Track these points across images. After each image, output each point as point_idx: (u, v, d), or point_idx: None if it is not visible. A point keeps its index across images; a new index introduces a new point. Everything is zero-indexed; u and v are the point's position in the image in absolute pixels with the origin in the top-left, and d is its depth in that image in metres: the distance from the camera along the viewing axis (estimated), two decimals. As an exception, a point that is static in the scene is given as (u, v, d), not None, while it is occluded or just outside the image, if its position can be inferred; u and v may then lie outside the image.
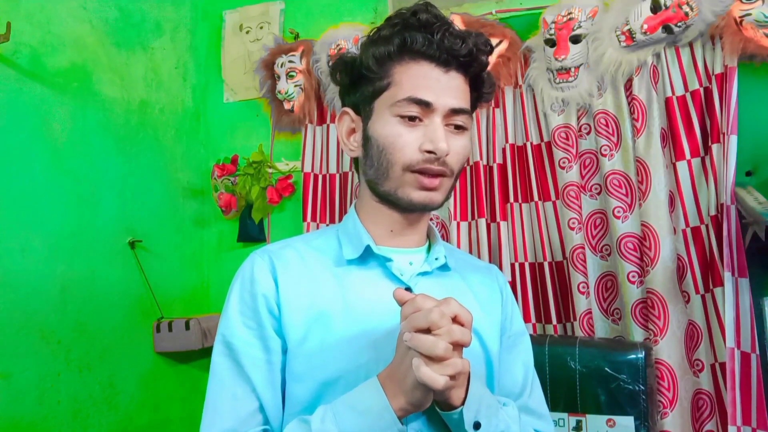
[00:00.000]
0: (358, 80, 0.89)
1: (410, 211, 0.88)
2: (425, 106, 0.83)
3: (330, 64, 0.93)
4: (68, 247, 1.60)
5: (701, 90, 1.50)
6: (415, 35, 0.83)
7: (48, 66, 1.59)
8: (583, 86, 1.60)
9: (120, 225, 1.78)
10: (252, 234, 2.05)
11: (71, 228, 1.62)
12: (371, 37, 0.89)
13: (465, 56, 0.84)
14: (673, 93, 1.52)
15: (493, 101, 1.72)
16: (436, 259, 0.91)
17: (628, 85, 1.57)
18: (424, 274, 0.90)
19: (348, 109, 0.92)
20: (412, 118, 0.83)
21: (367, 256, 0.88)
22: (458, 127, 0.86)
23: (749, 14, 1.39)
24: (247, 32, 2.15)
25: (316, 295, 0.85)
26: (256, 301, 0.84)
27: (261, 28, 2.13)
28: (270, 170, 2.03)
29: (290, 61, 1.95)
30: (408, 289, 0.85)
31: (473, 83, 0.90)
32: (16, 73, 1.50)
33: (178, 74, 2.10)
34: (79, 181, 1.65)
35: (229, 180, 2.04)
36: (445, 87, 0.84)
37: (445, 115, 0.84)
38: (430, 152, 0.82)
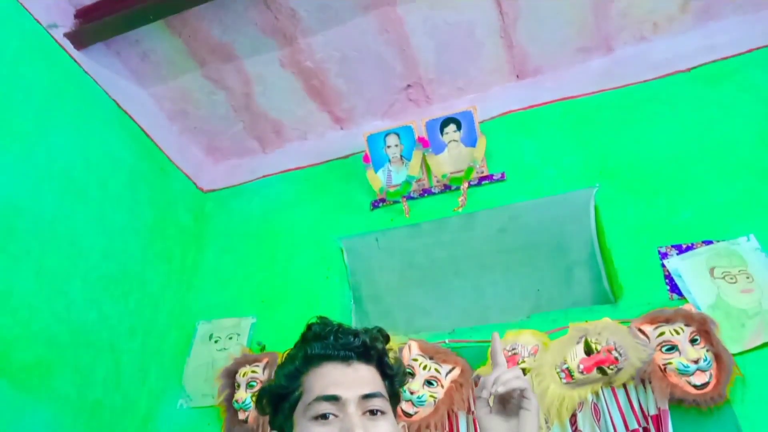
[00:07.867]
0: (278, 401, 0.95)
1: None
2: (335, 400, 0.87)
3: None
4: None
5: (640, 430, 1.55)
6: (313, 344, 0.94)
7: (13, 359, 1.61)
8: (531, 418, 1.65)
9: None
10: None
11: None
12: (281, 362, 0.99)
13: (360, 347, 0.93)
14: None
15: (447, 426, 1.73)
16: None
17: (573, 420, 1.62)
18: None
19: None
20: (325, 416, 0.87)
21: None
22: (374, 412, 0.89)
23: (670, 363, 1.55)
24: (216, 341, 2.24)
25: None
26: None
27: (230, 338, 2.23)
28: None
29: (253, 371, 2.00)
30: None
31: (381, 370, 0.96)
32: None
33: (139, 378, 2.11)
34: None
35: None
36: (352, 379, 0.91)
37: (358, 403, 0.88)
38: None
